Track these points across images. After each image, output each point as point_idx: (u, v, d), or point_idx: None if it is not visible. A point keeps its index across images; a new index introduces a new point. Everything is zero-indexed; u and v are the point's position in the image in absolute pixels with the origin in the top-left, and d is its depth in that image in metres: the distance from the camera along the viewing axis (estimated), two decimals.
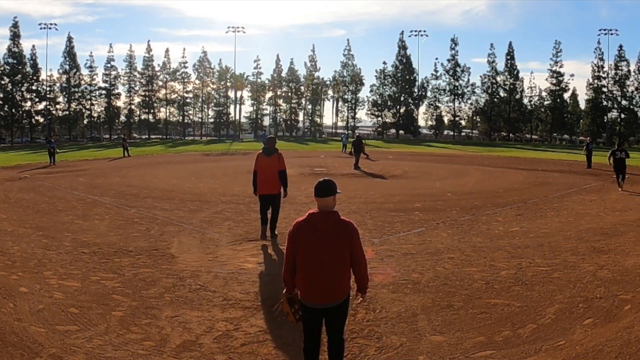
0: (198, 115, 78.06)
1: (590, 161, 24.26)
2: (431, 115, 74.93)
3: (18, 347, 4.42)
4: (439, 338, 4.73)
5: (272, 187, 8.71)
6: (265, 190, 8.71)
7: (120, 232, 9.19)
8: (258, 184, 8.73)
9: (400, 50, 75.23)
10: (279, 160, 8.77)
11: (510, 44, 72.19)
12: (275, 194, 8.77)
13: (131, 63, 72.88)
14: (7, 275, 6.48)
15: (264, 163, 8.74)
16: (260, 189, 8.73)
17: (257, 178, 8.73)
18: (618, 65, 67.73)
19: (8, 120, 65.74)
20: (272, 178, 8.68)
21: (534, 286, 6.17)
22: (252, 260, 7.33)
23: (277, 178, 8.72)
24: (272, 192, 8.72)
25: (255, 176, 8.75)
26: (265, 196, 8.75)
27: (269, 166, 8.70)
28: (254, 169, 8.80)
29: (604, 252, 7.78)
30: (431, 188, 15.84)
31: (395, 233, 9.19)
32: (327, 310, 3.57)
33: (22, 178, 18.32)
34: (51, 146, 27.20)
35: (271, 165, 8.70)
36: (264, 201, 8.83)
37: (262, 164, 8.74)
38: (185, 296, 5.83)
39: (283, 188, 8.82)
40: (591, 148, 24.65)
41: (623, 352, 4.34)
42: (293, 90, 77.85)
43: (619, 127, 67.94)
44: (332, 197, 3.56)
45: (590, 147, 24.88)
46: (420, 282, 6.34)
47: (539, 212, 11.58)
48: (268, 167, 8.70)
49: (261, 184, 8.69)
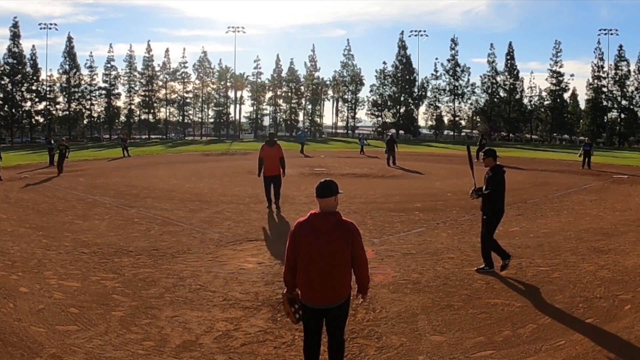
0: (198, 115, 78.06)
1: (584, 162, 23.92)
2: (431, 115, 74.85)
3: (18, 347, 4.42)
4: (439, 338, 4.73)
5: (275, 170, 11.49)
6: (269, 172, 11.48)
7: (120, 232, 9.19)
8: (264, 168, 11.50)
9: (400, 50, 75.14)
10: (279, 150, 11.60)
11: (510, 44, 72.05)
12: (277, 175, 11.55)
13: (131, 63, 72.79)
14: (7, 275, 6.48)
15: (268, 151, 11.56)
16: (266, 172, 11.50)
17: (262, 163, 11.52)
18: (618, 65, 67.62)
19: (8, 120, 65.65)
20: (275, 163, 11.47)
21: (534, 286, 6.17)
22: (252, 260, 7.33)
23: (279, 163, 11.47)
24: (274, 173, 11.52)
25: (261, 162, 11.53)
26: (270, 177, 11.51)
27: (272, 154, 11.51)
28: (259, 157, 11.64)
29: (604, 252, 7.79)
30: (431, 188, 15.85)
31: (395, 233, 9.20)
32: (328, 311, 3.57)
33: (22, 178, 18.31)
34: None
35: (274, 153, 11.54)
36: (269, 181, 11.52)
37: (267, 152, 11.57)
38: (185, 296, 5.83)
39: (282, 170, 11.57)
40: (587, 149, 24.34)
41: (623, 352, 4.34)
42: (293, 90, 77.78)
43: (619, 127, 67.92)
44: (333, 197, 3.56)
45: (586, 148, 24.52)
46: (420, 282, 6.34)
47: (539, 212, 11.58)
48: (271, 154, 11.51)
49: (267, 167, 11.48)
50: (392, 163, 24.29)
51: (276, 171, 11.46)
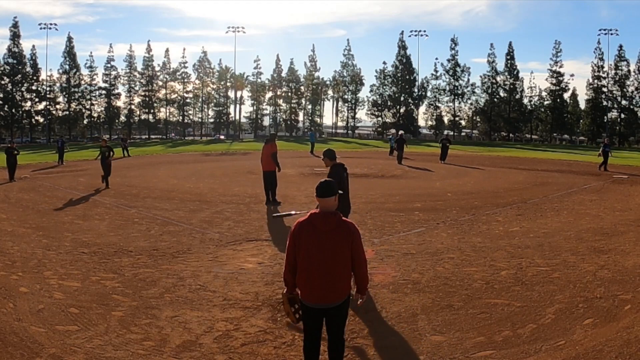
0: (198, 115, 78.05)
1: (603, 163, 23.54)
2: (431, 115, 74.85)
3: (18, 347, 4.42)
4: (439, 338, 4.73)
5: (268, 166, 12.39)
6: (264, 168, 12.48)
7: (120, 232, 9.19)
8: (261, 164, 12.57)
9: (400, 50, 75.12)
10: (272, 147, 12.59)
11: (510, 44, 72.06)
12: (271, 170, 12.37)
13: (131, 63, 72.79)
14: (7, 275, 6.48)
15: (264, 149, 12.64)
16: (262, 167, 12.57)
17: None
18: (618, 65, 67.62)
19: (8, 120, 65.67)
20: (268, 159, 12.39)
21: (534, 286, 6.17)
22: (252, 260, 7.33)
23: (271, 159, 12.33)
24: (268, 169, 12.39)
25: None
26: (265, 172, 12.44)
27: (266, 151, 12.53)
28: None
29: (604, 252, 7.78)
30: (431, 188, 15.84)
31: (395, 233, 9.20)
32: (328, 310, 3.57)
33: (22, 178, 18.30)
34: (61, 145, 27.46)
35: (267, 150, 12.50)
36: (264, 176, 12.44)
37: (263, 149, 12.66)
38: (185, 296, 5.83)
39: (275, 165, 12.39)
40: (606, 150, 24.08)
41: (623, 352, 4.34)
42: (293, 90, 77.77)
43: (619, 127, 67.90)
44: (333, 197, 3.56)
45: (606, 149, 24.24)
46: (420, 282, 6.34)
47: (539, 212, 11.58)
48: (266, 151, 12.54)
49: (262, 163, 12.55)
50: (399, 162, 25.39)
51: (270, 167, 12.35)
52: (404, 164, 24.88)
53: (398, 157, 26.08)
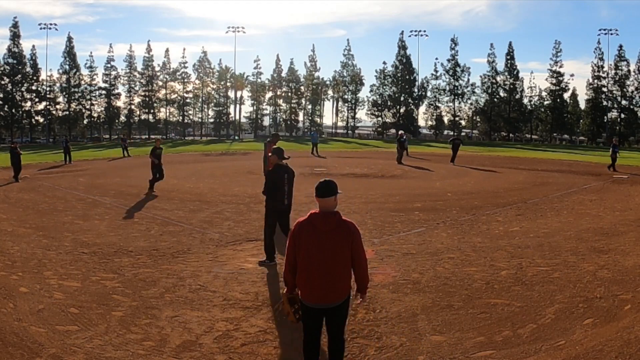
0: (198, 115, 78.04)
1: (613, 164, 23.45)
2: (431, 115, 74.80)
3: (18, 347, 4.42)
4: (439, 338, 4.73)
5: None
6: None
7: (120, 232, 9.19)
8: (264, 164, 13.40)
9: (400, 50, 75.08)
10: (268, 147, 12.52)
11: (510, 44, 71.99)
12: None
13: (131, 63, 72.74)
14: (7, 275, 6.48)
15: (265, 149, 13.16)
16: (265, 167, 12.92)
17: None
18: (618, 65, 67.59)
19: (8, 120, 65.66)
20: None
21: (534, 286, 6.17)
22: (252, 260, 7.33)
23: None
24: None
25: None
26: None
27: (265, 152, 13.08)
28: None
29: (604, 252, 7.78)
30: (431, 188, 15.84)
31: (395, 233, 9.19)
32: (328, 310, 3.57)
33: (22, 178, 18.29)
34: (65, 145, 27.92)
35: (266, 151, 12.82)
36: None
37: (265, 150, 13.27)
38: (185, 296, 5.83)
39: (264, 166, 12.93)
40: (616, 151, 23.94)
41: (623, 352, 4.34)
42: (293, 90, 77.75)
43: (619, 127, 67.88)
44: (333, 197, 3.56)
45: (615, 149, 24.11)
46: (420, 282, 6.34)
47: (539, 212, 11.58)
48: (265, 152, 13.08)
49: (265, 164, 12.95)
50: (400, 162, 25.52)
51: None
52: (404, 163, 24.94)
53: (398, 157, 26.11)
